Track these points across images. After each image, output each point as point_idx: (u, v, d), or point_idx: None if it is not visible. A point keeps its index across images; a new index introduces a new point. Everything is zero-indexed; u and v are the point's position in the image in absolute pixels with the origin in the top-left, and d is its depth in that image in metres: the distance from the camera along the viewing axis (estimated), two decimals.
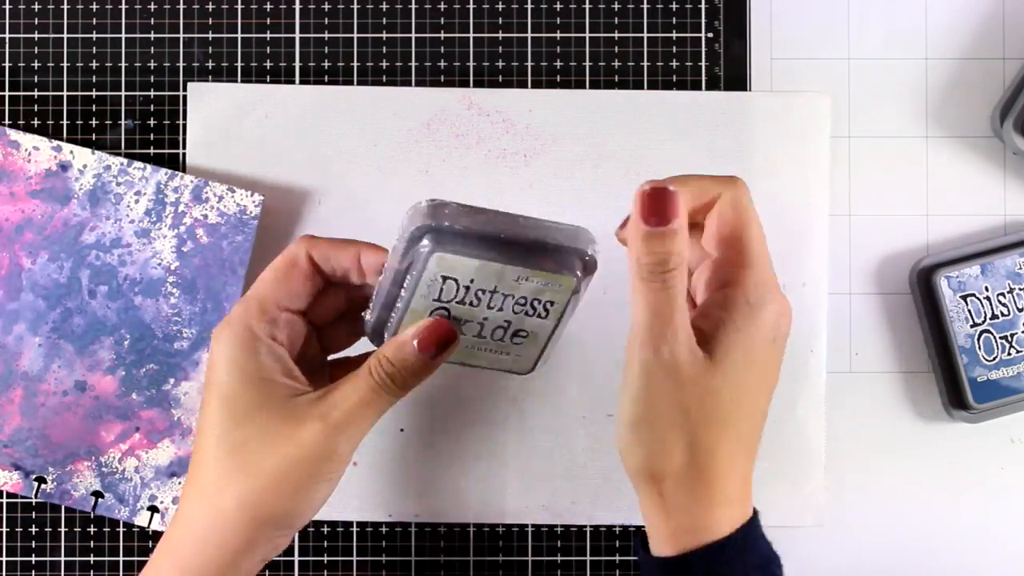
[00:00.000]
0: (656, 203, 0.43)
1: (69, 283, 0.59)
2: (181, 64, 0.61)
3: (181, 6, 0.61)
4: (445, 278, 0.45)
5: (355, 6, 0.61)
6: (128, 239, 0.59)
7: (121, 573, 0.60)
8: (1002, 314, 0.59)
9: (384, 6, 0.61)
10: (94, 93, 0.61)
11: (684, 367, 0.43)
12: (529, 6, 0.61)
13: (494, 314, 0.46)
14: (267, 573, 0.60)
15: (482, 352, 0.48)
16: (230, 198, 0.59)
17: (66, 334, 0.59)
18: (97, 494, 0.59)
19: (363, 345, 0.52)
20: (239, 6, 0.61)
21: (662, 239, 0.43)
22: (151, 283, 0.59)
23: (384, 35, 0.61)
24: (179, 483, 0.59)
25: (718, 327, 0.45)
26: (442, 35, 0.61)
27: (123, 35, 0.61)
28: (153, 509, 0.59)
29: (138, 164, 0.59)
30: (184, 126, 0.60)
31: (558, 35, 0.61)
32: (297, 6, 0.61)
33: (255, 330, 0.46)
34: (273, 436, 0.45)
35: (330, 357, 0.52)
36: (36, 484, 0.59)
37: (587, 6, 0.61)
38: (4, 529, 0.60)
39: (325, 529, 0.60)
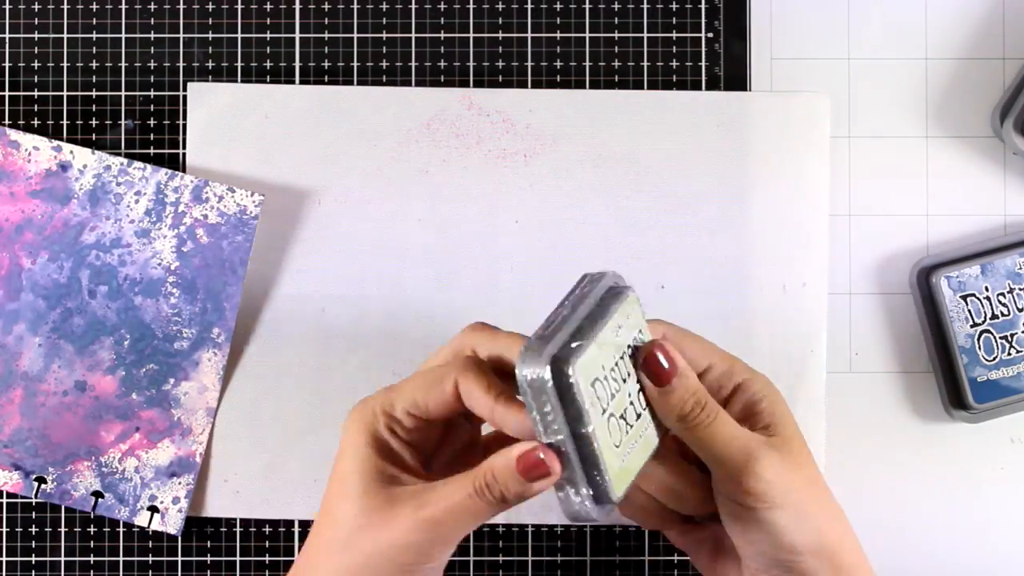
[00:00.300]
0: (655, 367, 0.44)
1: (69, 283, 0.59)
2: (181, 64, 0.61)
3: (181, 6, 0.61)
4: (594, 381, 0.43)
5: (355, 6, 0.61)
6: (128, 239, 0.59)
7: (121, 573, 0.60)
8: (1002, 314, 0.59)
9: (384, 6, 0.61)
10: (94, 93, 0.61)
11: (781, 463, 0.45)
12: (529, 6, 0.61)
13: (631, 384, 0.45)
14: (267, 574, 0.60)
15: (650, 429, 0.46)
16: (230, 198, 0.59)
17: (66, 334, 0.59)
18: (97, 494, 0.59)
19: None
20: (239, 6, 0.61)
21: (680, 389, 0.44)
22: (151, 283, 0.59)
23: (384, 35, 0.61)
24: (179, 483, 0.59)
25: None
26: (442, 35, 0.61)
27: (123, 35, 0.61)
28: (153, 509, 0.59)
29: (138, 164, 0.59)
30: (184, 126, 0.60)
31: (558, 35, 0.61)
32: (297, 6, 0.61)
33: (384, 421, 0.45)
34: (370, 517, 0.44)
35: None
36: (36, 484, 0.59)
37: (587, 6, 0.61)
38: (4, 529, 0.60)
39: None
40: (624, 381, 0.44)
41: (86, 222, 0.59)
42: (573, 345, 0.43)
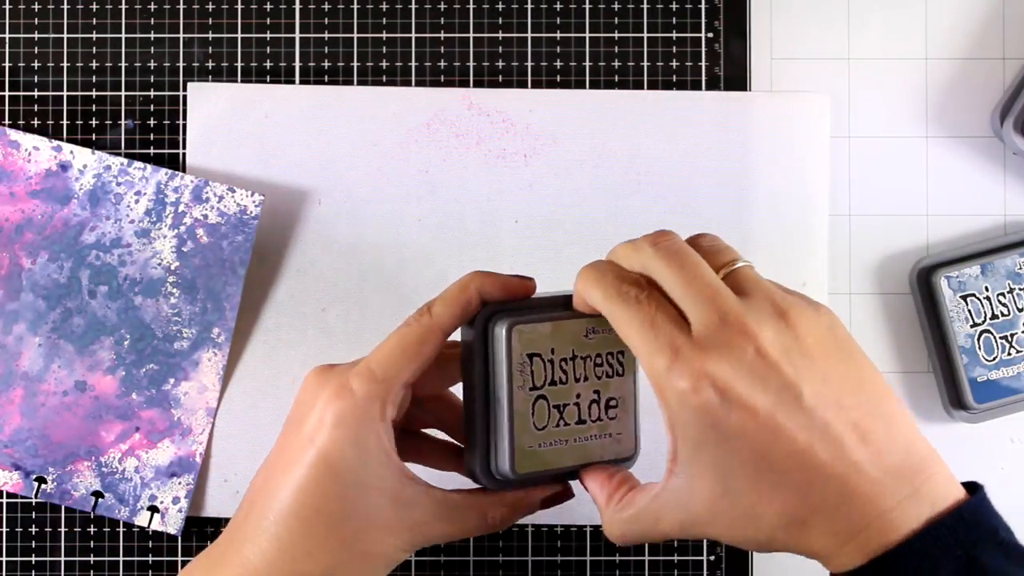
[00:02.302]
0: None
1: (69, 283, 0.59)
2: (181, 64, 0.61)
3: (181, 6, 0.61)
4: (531, 356, 0.44)
5: (355, 6, 0.61)
6: (128, 239, 0.59)
7: (121, 573, 0.60)
8: (1002, 314, 0.59)
9: (384, 6, 0.61)
10: (94, 93, 0.61)
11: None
12: (529, 6, 0.61)
13: (583, 386, 0.46)
14: None
15: (592, 442, 0.46)
16: (230, 198, 0.59)
17: (66, 334, 0.59)
18: (97, 494, 0.59)
19: None
20: (239, 6, 0.61)
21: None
22: (151, 283, 0.59)
23: (384, 35, 0.61)
24: (179, 483, 0.59)
25: None
26: (442, 35, 0.61)
27: (123, 35, 0.61)
28: (153, 509, 0.59)
29: (138, 164, 0.59)
30: (184, 126, 0.60)
31: (558, 35, 0.61)
32: (297, 6, 0.61)
33: (384, 414, 0.45)
34: (383, 518, 0.45)
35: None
36: (36, 484, 0.59)
37: (587, 6, 0.61)
38: (4, 529, 0.60)
39: None
40: (577, 381, 0.45)
41: (86, 222, 0.59)
42: (523, 309, 0.45)
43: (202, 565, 0.47)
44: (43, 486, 0.59)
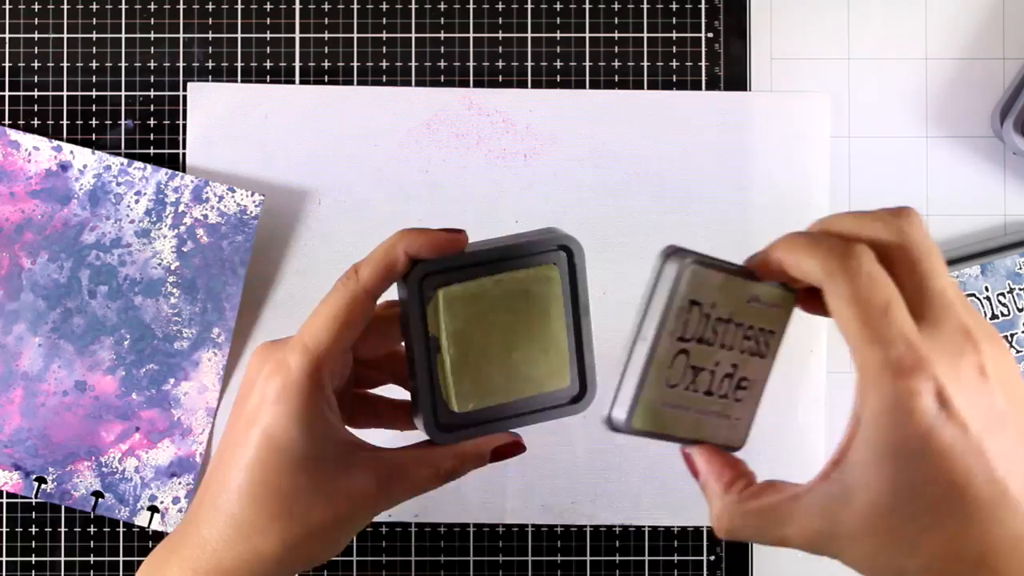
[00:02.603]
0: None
1: (69, 283, 0.59)
2: (181, 64, 0.61)
3: (181, 6, 0.61)
4: (692, 303, 0.40)
5: (355, 6, 0.61)
6: (128, 239, 0.59)
7: (121, 573, 0.60)
8: (1002, 314, 0.59)
9: (384, 6, 0.61)
10: (94, 93, 0.61)
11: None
12: (529, 6, 0.61)
13: (725, 354, 0.41)
14: None
15: (710, 419, 0.42)
16: (230, 198, 0.59)
17: (66, 334, 0.59)
18: (97, 494, 0.59)
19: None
20: (239, 6, 0.61)
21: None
22: (151, 283, 0.59)
23: (384, 35, 0.61)
24: (179, 483, 0.59)
25: None
26: (442, 35, 0.61)
27: (123, 35, 0.61)
28: (153, 509, 0.59)
29: (138, 164, 0.59)
30: (184, 126, 0.60)
31: (558, 35, 0.61)
32: (297, 6, 0.61)
33: (321, 385, 0.44)
34: (326, 489, 0.44)
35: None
36: (36, 484, 0.59)
37: (587, 6, 0.61)
38: (4, 529, 0.60)
39: None
40: (723, 347, 0.41)
41: (86, 222, 0.59)
42: (701, 254, 0.41)
43: (164, 550, 0.47)
44: (43, 486, 0.59)
